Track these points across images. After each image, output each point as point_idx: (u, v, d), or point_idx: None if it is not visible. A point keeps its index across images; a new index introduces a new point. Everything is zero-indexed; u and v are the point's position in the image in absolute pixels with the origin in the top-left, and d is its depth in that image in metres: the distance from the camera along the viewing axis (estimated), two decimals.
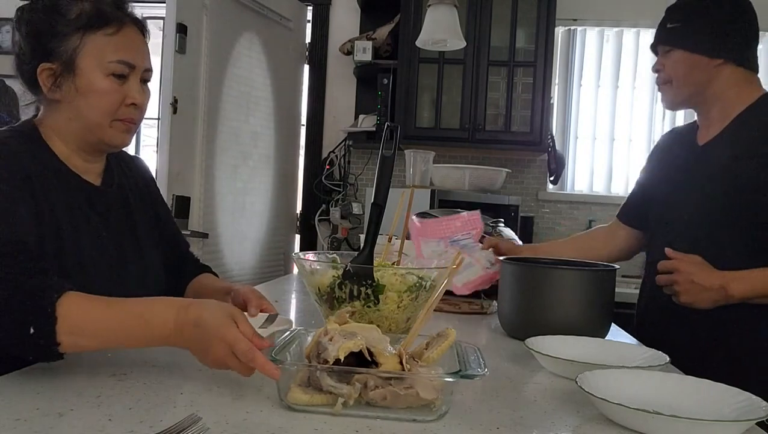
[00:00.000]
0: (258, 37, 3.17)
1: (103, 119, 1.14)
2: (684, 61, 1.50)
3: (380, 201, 1.17)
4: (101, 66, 1.11)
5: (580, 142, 3.60)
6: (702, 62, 1.48)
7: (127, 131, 1.17)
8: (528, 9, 3.19)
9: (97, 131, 1.14)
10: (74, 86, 1.11)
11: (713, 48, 1.47)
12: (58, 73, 1.11)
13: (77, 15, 1.11)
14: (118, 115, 1.14)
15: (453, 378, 0.79)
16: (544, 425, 0.82)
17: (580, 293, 1.31)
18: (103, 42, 1.12)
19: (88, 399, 0.80)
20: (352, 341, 0.81)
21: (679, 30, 1.51)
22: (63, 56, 1.10)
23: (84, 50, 1.11)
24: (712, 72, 1.49)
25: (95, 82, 1.11)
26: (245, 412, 0.79)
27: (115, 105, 1.13)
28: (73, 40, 1.10)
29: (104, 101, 1.12)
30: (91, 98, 1.12)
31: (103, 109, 1.13)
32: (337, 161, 3.65)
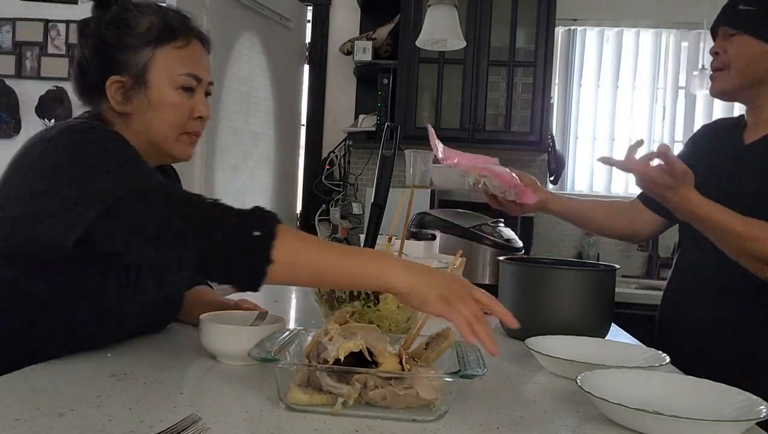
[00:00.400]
0: (258, 37, 3.17)
1: (172, 132, 1.14)
2: (749, 47, 1.36)
3: (380, 201, 1.17)
4: (171, 79, 1.12)
5: (580, 142, 3.60)
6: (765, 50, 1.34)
7: (192, 143, 1.19)
8: (528, 9, 3.19)
9: (164, 144, 1.14)
10: (146, 99, 1.11)
11: None
12: (128, 86, 1.10)
13: (147, 28, 1.11)
14: (185, 128, 1.15)
15: (453, 378, 0.79)
16: (544, 425, 0.82)
17: (580, 293, 1.31)
18: (172, 55, 1.12)
19: (88, 399, 0.80)
20: (352, 341, 0.82)
21: (752, 13, 1.37)
22: (134, 69, 1.10)
23: (155, 64, 1.11)
24: None
25: (166, 96, 1.11)
26: (245, 412, 0.79)
27: (184, 118, 1.14)
28: (145, 54, 1.10)
29: (174, 114, 1.13)
30: (162, 112, 1.12)
31: (173, 122, 1.13)
32: (337, 161, 3.65)
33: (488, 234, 1.96)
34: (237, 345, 0.98)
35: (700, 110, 3.50)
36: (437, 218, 2.01)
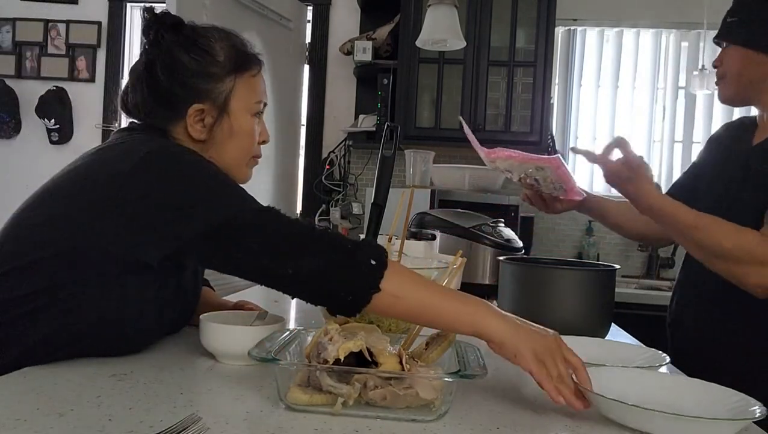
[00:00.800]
0: (258, 37, 3.17)
1: (244, 158, 1.16)
2: (738, 56, 1.43)
3: (380, 201, 1.17)
4: (248, 107, 1.13)
5: (580, 142, 3.59)
6: (756, 59, 1.41)
7: (254, 166, 1.21)
8: (528, 9, 3.19)
9: (235, 170, 1.14)
10: (227, 127, 1.11)
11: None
12: (209, 114, 1.10)
13: (227, 57, 1.11)
14: (253, 152, 1.18)
15: (453, 378, 0.79)
16: (544, 425, 0.82)
17: (580, 293, 1.31)
18: (249, 83, 1.14)
19: (88, 399, 0.80)
20: (351, 341, 0.82)
21: (736, 24, 1.44)
22: (217, 99, 1.10)
23: (236, 93, 1.11)
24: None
25: (245, 124, 1.13)
26: (245, 412, 0.79)
27: (255, 144, 1.17)
28: (228, 82, 1.10)
29: (249, 141, 1.15)
30: (241, 139, 1.13)
31: (247, 148, 1.15)
32: (337, 161, 3.65)
33: (488, 234, 1.96)
34: (237, 345, 0.98)
35: (700, 110, 3.50)
36: (437, 218, 2.01)
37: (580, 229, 3.53)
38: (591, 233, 3.46)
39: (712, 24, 3.27)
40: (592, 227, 3.46)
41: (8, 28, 3.77)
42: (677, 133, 3.51)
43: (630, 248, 3.45)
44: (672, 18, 3.45)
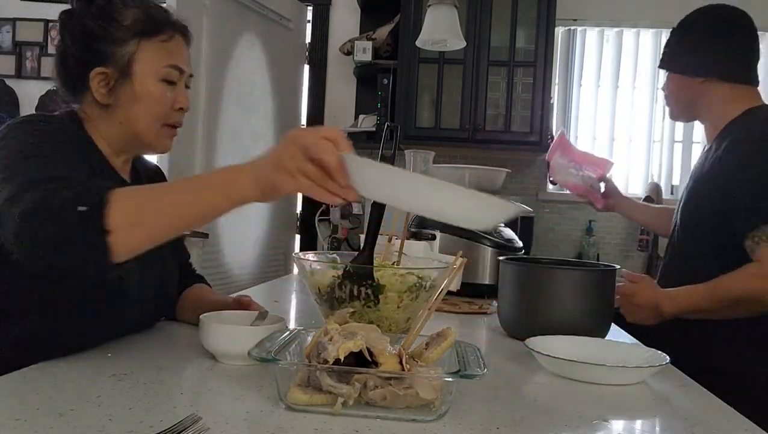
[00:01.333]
0: (258, 37, 3.17)
1: (154, 125, 1.16)
2: (674, 81, 1.65)
3: None
4: (156, 72, 1.13)
5: (580, 142, 3.59)
6: (686, 81, 1.61)
7: (171, 136, 1.20)
8: (528, 9, 3.19)
9: (145, 136, 1.16)
10: (130, 91, 1.12)
11: (693, 67, 1.60)
12: (112, 78, 1.12)
13: (133, 21, 1.12)
14: (167, 119, 1.17)
15: (453, 378, 0.79)
16: (544, 425, 0.82)
17: (580, 293, 1.31)
18: (157, 48, 1.14)
19: (88, 399, 0.80)
20: (352, 341, 0.81)
21: (668, 54, 1.67)
22: (119, 61, 1.11)
23: (140, 56, 1.12)
24: (698, 89, 1.60)
25: (150, 88, 1.13)
26: (245, 412, 0.79)
27: (166, 109, 1.16)
28: (130, 46, 1.12)
29: (157, 107, 1.15)
30: (146, 103, 1.14)
31: (156, 114, 1.15)
32: None
33: (488, 234, 1.96)
34: (237, 345, 0.98)
35: None
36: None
37: (580, 229, 3.53)
38: (591, 233, 3.46)
39: None
40: (592, 228, 3.46)
41: (8, 28, 3.77)
42: (677, 133, 3.51)
43: (630, 248, 3.45)
44: (672, 18, 3.41)
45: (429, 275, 1.17)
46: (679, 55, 1.63)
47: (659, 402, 0.97)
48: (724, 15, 1.60)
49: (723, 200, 1.47)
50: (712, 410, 0.92)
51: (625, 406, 0.93)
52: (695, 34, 1.60)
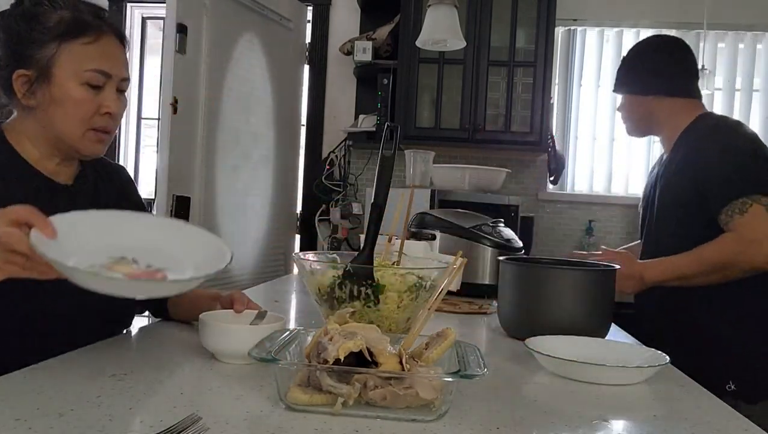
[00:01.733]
0: (258, 37, 3.17)
1: (77, 129, 1.13)
2: (628, 101, 1.87)
3: (380, 201, 1.17)
4: (77, 75, 1.11)
5: (580, 142, 3.60)
6: (640, 100, 1.83)
7: (100, 141, 1.17)
8: (528, 9, 3.19)
9: (69, 140, 1.14)
10: (49, 94, 1.11)
11: (644, 87, 1.82)
12: (33, 80, 1.11)
13: (56, 23, 1.11)
14: (91, 124, 1.14)
15: (453, 378, 0.79)
16: (544, 425, 0.82)
17: (580, 293, 1.31)
18: (79, 51, 1.11)
19: (88, 399, 0.80)
20: (352, 341, 0.81)
21: (620, 78, 1.89)
22: (39, 63, 1.10)
23: (60, 58, 1.11)
24: (650, 105, 1.82)
25: (70, 91, 1.11)
26: (245, 412, 0.79)
27: (89, 114, 1.13)
28: (50, 48, 1.10)
29: (78, 110, 1.12)
30: (66, 107, 1.12)
31: (77, 118, 1.12)
32: (337, 161, 3.65)
33: (488, 234, 1.96)
34: (237, 344, 0.98)
35: None
36: (437, 218, 2.01)
37: (580, 229, 3.53)
38: (591, 233, 3.46)
39: (712, 24, 3.27)
40: (592, 227, 3.46)
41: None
42: None
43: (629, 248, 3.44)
44: (672, 18, 3.45)
45: (429, 275, 1.17)
46: (631, 79, 1.85)
47: (659, 402, 0.97)
48: (665, 42, 1.90)
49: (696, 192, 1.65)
50: (712, 410, 0.92)
51: (625, 406, 0.93)
52: (643, 59, 1.84)
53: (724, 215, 1.58)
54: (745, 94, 3.49)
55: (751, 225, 1.54)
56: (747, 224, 1.55)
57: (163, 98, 2.58)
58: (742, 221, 1.55)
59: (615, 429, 0.82)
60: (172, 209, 2.58)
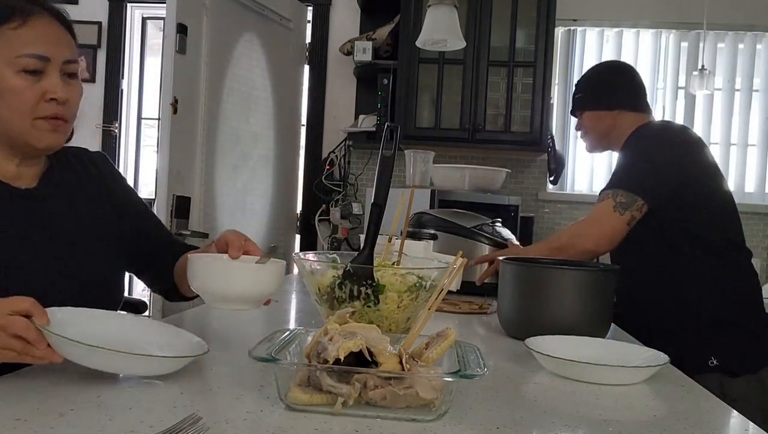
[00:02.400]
0: (258, 37, 3.17)
1: (22, 120, 1.05)
2: (592, 117, 1.96)
3: (380, 201, 1.17)
4: (9, 63, 1.03)
5: (580, 142, 3.58)
6: (603, 115, 1.93)
7: (54, 129, 1.08)
8: (528, 9, 3.19)
9: (18, 134, 1.07)
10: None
11: (608, 102, 1.92)
12: None
13: None
14: (37, 113, 1.05)
15: (453, 377, 0.79)
16: (544, 425, 0.82)
17: (580, 293, 1.31)
18: (8, 37, 1.03)
19: (88, 399, 0.80)
20: (352, 341, 0.81)
21: (583, 97, 1.99)
22: None
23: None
24: (613, 119, 1.92)
25: (6, 81, 1.03)
26: (245, 412, 0.79)
27: (31, 103, 1.05)
28: None
29: (19, 100, 1.04)
30: (5, 99, 1.04)
31: (20, 109, 1.04)
32: (337, 161, 3.65)
33: (487, 234, 1.96)
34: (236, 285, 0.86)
35: (700, 110, 3.50)
36: (435, 218, 2.01)
37: None
38: None
39: (712, 24, 3.27)
40: None
41: None
42: None
43: None
44: (672, 18, 3.45)
45: (429, 275, 1.17)
46: (596, 95, 1.95)
47: (659, 402, 0.97)
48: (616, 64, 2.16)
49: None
50: (712, 410, 0.92)
51: (625, 406, 0.93)
52: (603, 77, 1.98)
53: (599, 195, 1.80)
54: (744, 95, 3.49)
55: (594, 213, 1.77)
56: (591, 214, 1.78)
57: (163, 98, 2.58)
58: (592, 210, 1.78)
59: (615, 429, 0.82)
60: (173, 209, 2.58)
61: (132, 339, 0.92)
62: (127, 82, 3.86)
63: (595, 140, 1.98)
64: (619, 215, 1.71)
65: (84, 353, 0.83)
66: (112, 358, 0.83)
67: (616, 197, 1.72)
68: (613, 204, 1.72)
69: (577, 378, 1.02)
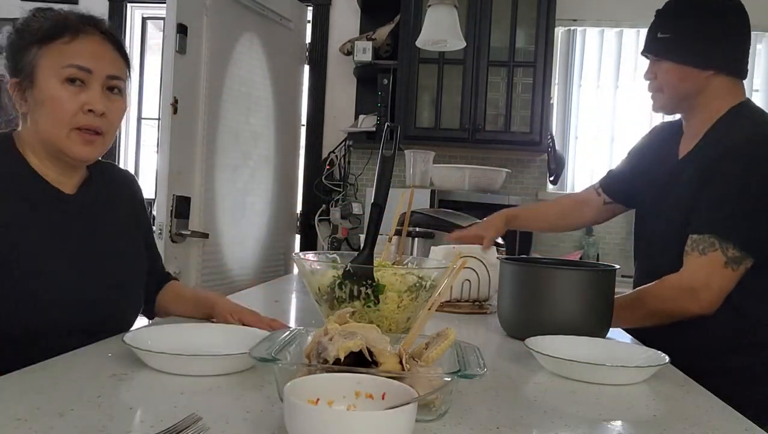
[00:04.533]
0: (258, 37, 3.17)
1: (60, 129, 1.12)
2: (675, 71, 1.52)
3: (380, 201, 1.17)
4: (56, 73, 1.11)
5: (580, 142, 3.60)
6: (692, 73, 1.50)
7: (88, 142, 1.14)
8: (528, 9, 3.19)
9: (55, 142, 1.13)
10: (33, 98, 1.12)
11: (704, 60, 1.49)
12: (22, 86, 1.13)
13: (37, 29, 1.13)
14: (75, 123, 1.12)
15: (452, 377, 0.79)
16: (544, 425, 0.82)
17: (579, 293, 1.31)
18: (59, 51, 1.12)
19: (88, 399, 0.80)
20: (352, 340, 0.81)
21: (671, 41, 1.52)
22: (25, 70, 1.13)
23: (41, 60, 1.12)
24: (703, 82, 1.50)
25: (50, 91, 1.11)
26: (245, 412, 0.79)
27: (71, 112, 1.12)
28: (32, 53, 1.12)
29: (59, 109, 1.11)
30: (47, 107, 1.12)
31: (59, 117, 1.12)
32: (337, 161, 3.65)
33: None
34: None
35: None
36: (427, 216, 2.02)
37: (580, 229, 3.53)
38: (591, 233, 3.46)
39: None
40: (592, 228, 3.46)
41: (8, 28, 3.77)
42: None
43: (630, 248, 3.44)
44: None
45: (429, 275, 1.17)
46: (683, 43, 1.50)
47: (659, 402, 0.97)
48: (723, 7, 1.51)
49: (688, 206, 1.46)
50: (712, 410, 0.92)
51: (625, 406, 0.93)
52: (705, 23, 1.49)
53: (690, 242, 1.42)
54: None
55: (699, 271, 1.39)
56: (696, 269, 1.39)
57: (164, 98, 2.58)
58: (696, 261, 1.40)
59: (614, 429, 0.82)
60: (173, 209, 2.58)
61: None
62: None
63: (671, 100, 1.55)
64: (732, 271, 1.38)
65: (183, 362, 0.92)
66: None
67: (727, 251, 1.37)
68: (724, 260, 1.37)
69: (577, 378, 1.02)
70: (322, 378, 0.73)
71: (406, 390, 0.70)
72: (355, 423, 0.63)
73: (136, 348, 0.93)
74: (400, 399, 0.67)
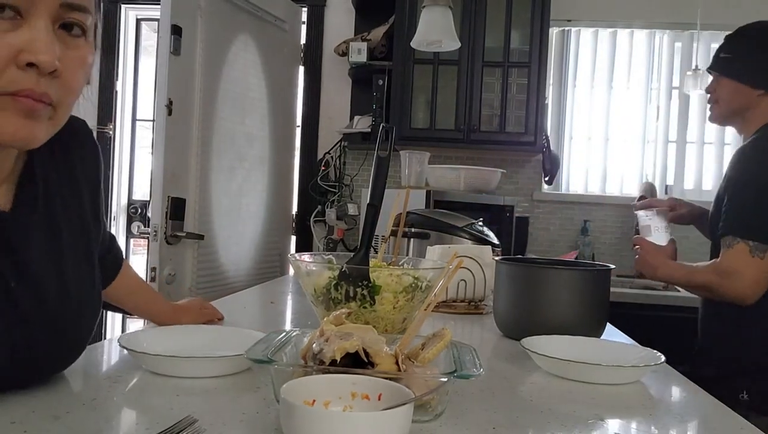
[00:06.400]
0: (253, 38, 3.17)
1: None
2: (730, 86, 1.75)
3: (376, 202, 1.17)
4: None
5: (575, 142, 3.60)
6: (745, 90, 1.72)
7: (29, 114, 0.68)
8: (522, 10, 3.20)
9: None
10: None
11: (756, 80, 1.71)
12: None
13: None
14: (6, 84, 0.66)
15: (449, 378, 0.79)
16: (540, 425, 0.83)
17: (575, 293, 1.32)
18: None
19: (84, 402, 0.80)
20: (348, 341, 0.81)
21: (730, 60, 1.76)
22: None
23: None
24: (754, 100, 1.72)
25: None
26: (241, 413, 0.79)
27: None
28: None
29: None
30: None
31: None
32: (333, 162, 3.65)
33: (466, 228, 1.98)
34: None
35: (694, 110, 3.52)
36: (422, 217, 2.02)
37: (575, 229, 3.53)
38: (586, 233, 3.47)
39: (706, 25, 3.28)
40: (587, 228, 3.47)
41: None
42: (671, 133, 3.53)
43: (625, 247, 3.46)
44: (665, 18, 3.46)
45: (425, 276, 1.17)
46: (740, 64, 1.73)
47: (655, 401, 0.97)
48: None
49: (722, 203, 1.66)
50: (708, 409, 0.93)
51: (621, 405, 0.93)
52: (757, 48, 1.73)
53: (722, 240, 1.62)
54: None
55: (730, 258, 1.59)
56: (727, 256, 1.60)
57: (158, 100, 2.57)
58: (726, 252, 1.60)
59: (611, 428, 0.82)
60: (168, 210, 2.57)
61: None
62: (121, 83, 3.84)
63: (724, 113, 1.79)
64: (759, 260, 1.55)
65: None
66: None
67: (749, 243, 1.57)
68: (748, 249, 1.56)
69: (573, 377, 1.02)
70: (319, 379, 0.74)
71: (402, 390, 0.71)
72: (352, 424, 0.64)
73: (132, 350, 0.93)
74: (396, 400, 0.68)
